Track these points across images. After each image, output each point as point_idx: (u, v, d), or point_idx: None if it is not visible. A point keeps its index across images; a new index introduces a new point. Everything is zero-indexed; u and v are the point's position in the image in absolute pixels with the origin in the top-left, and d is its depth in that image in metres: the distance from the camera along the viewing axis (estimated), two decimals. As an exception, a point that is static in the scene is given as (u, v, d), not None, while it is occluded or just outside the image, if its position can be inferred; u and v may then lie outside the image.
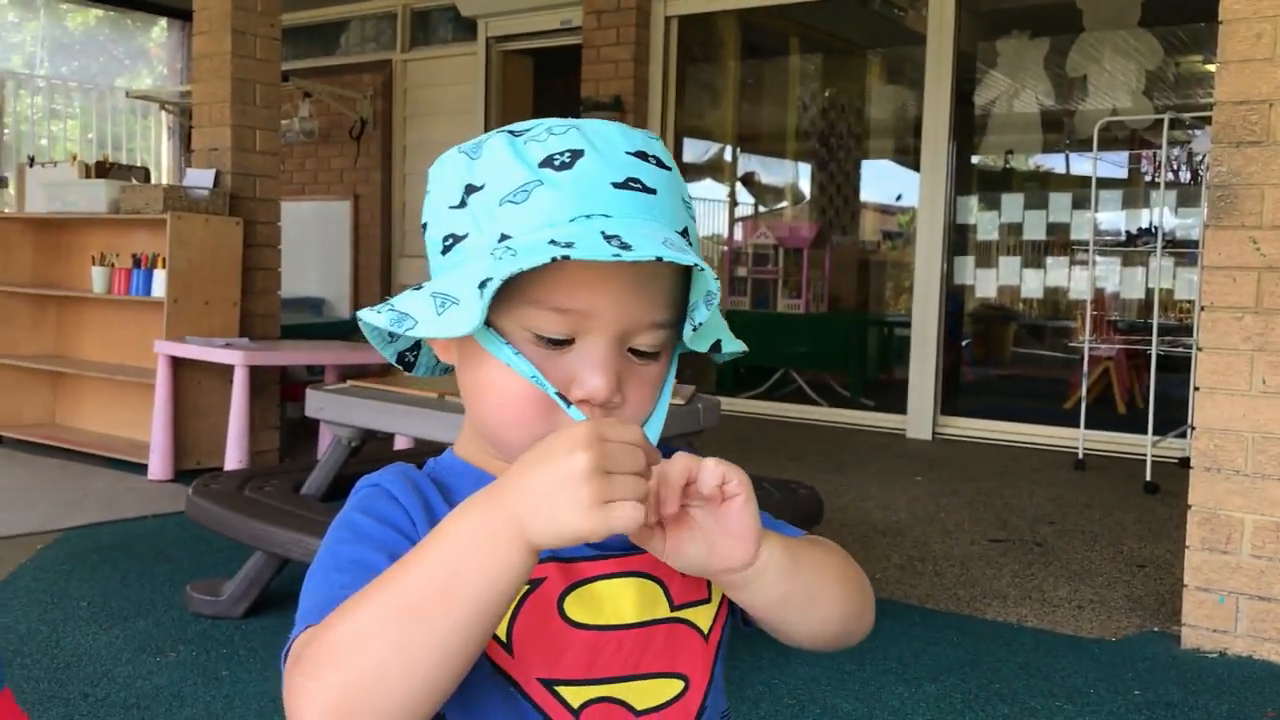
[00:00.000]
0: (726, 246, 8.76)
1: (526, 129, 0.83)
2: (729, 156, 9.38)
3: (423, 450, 3.44)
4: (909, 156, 8.16)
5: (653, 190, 0.81)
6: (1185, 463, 4.37)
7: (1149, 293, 6.53)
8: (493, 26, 8.32)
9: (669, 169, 0.84)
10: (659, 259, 0.73)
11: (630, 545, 0.79)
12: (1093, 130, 5.82)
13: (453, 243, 0.83)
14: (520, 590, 0.73)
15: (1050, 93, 8.06)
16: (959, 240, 7.18)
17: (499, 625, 0.75)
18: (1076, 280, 7.52)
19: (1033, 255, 7.54)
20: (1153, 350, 5.47)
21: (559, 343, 0.80)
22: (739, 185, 9.39)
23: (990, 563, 3.96)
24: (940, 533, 4.36)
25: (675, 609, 0.87)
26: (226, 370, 5.03)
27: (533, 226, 0.78)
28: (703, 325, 0.82)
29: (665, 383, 0.85)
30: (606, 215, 0.78)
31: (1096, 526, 4.52)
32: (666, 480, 0.74)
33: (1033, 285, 7.74)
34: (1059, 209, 7.02)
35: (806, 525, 3.15)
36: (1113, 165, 8.10)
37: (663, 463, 0.75)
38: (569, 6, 7.70)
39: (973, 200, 7.82)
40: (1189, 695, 2.80)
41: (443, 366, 0.94)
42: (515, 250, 0.76)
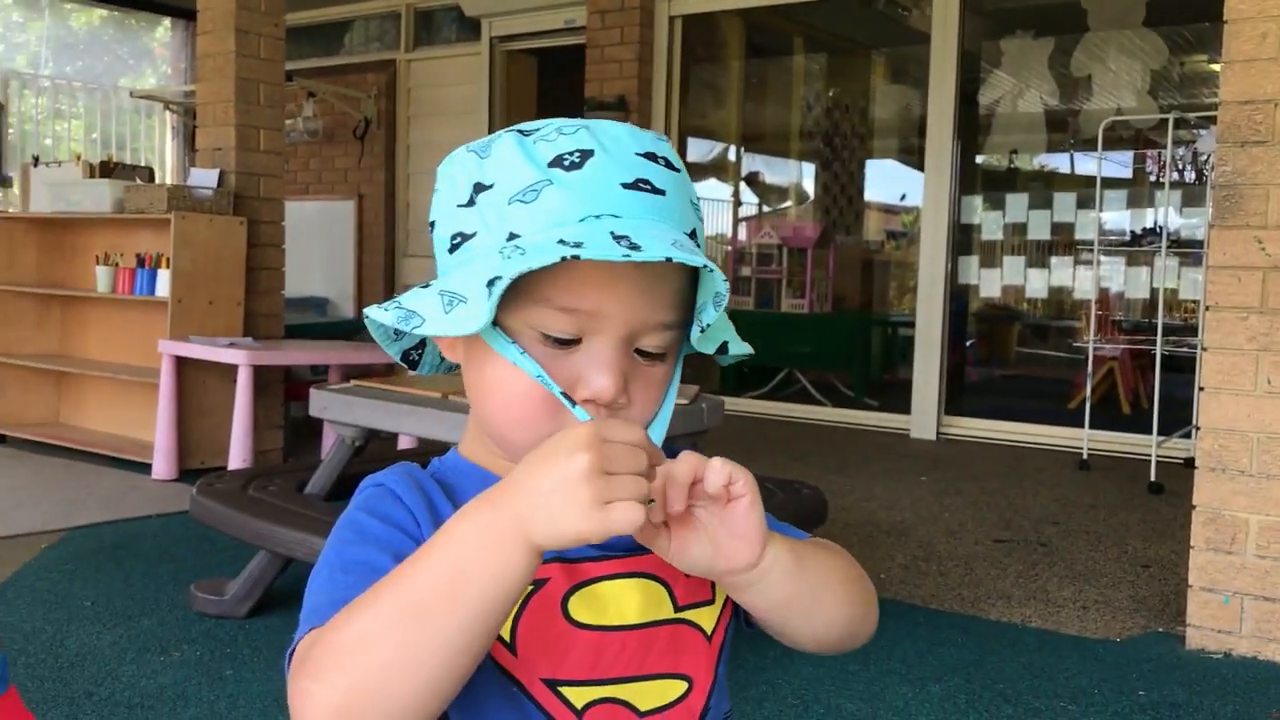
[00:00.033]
0: (730, 246, 8.75)
1: (536, 129, 0.83)
2: (733, 156, 9.37)
3: (426, 450, 3.44)
4: (913, 156, 8.16)
5: (662, 191, 0.81)
6: (1190, 463, 4.36)
7: (1154, 293, 6.53)
8: (496, 26, 8.32)
9: (678, 171, 0.84)
10: (668, 259, 0.73)
11: (635, 546, 0.79)
12: (1097, 130, 5.81)
13: (461, 241, 0.83)
14: (524, 591, 0.73)
15: (1055, 92, 8.05)
16: (963, 240, 7.18)
17: (503, 626, 0.75)
18: (1081, 280, 7.51)
19: (1037, 255, 7.53)
20: (1157, 350, 5.46)
21: (566, 342, 0.80)
22: (743, 185, 9.38)
23: (994, 563, 3.95)
24: (944, 533, 4.36)
25: (679, 610, 0.87)
26: (230, 370, 5.03)
27: (542, 226, 0.78)
28: (710, 327, 0.82)
29: (671, 384, 0.85)
30: (616, 216, 0.78)
31: (1101, 527, 4.51)
32: (673, 479, 0.74)
33: (1037, 285, 7.73)
34: (1063, 209, 7.01)
35: (810, 525, 3.15)
36: (1117, 165, 8.08)
37: (669, 462, 0.75)
38: (573, 6, 7.70)
39: (977, 200, 7.81)
40: (1194, 696, 2.79)
41: (447, 365, 0.93)
42: (524, 249, 0.76)
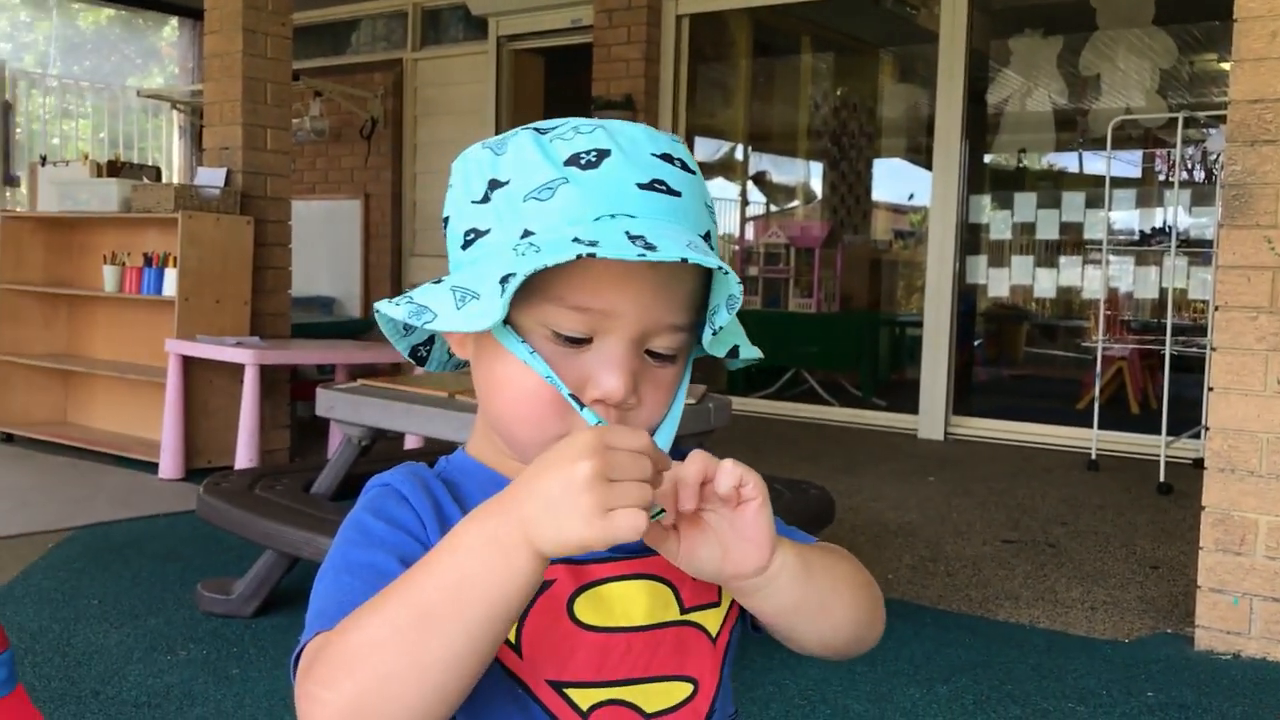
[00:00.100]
0: (738, 245, 8.75)
1: (553, 127, 0.82)
2: (740, 155, 9.37)
3: (433, 450, 3.43)
4: (921, 155, 8.14)
5: (677, 193, 0.81)
6: (1199, 463, 4.34)
7: (1163, 292, 6.50)
8: (503, 25, 8.32)
9: (693, 173, 0.84)
10: (684, 260, 0.73)
11: (642, 547, 0.79)
12: (1106, 129, 5.79)
13: (474, 238, 0.82)
14: (530, 597, 0.73)
15: (1064, 91, 8.03)
16: (971, 239, 7.16)
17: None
18: (1090, 280, 7.49)
19: (1046, 255, 7.51)
20: (1166, 350, 5.44)
21: (577, 341, 0.79)
22: (750, 184, 9.37)
23: (1002, 563, 3.94)
24: (952, 533, 4.35)
25: (685, 612, 0.86)
26: (237, 369, 5.03)
27: (556, 224, 0.77)
28: (721, 330, 0.81)
29: (680, 386, 0.84)
30: (631, 215, 0.78)
31: (1109, 527, 4.50)
32: (683, 480, 0.74)
33: (1046, 285, 7.71)
34: (1072, 208, 6.99)
35: (818, 526, 3.15)
36: (1126, 164, 8.06)
37: (678, 464, 0.75)
38: (580, 5, 7.69)
39: (985, 199, 7.80)
40: (1202, 697, 2.78)
41: (456, 362, 0.93)
42: (538, 247, 0.75)
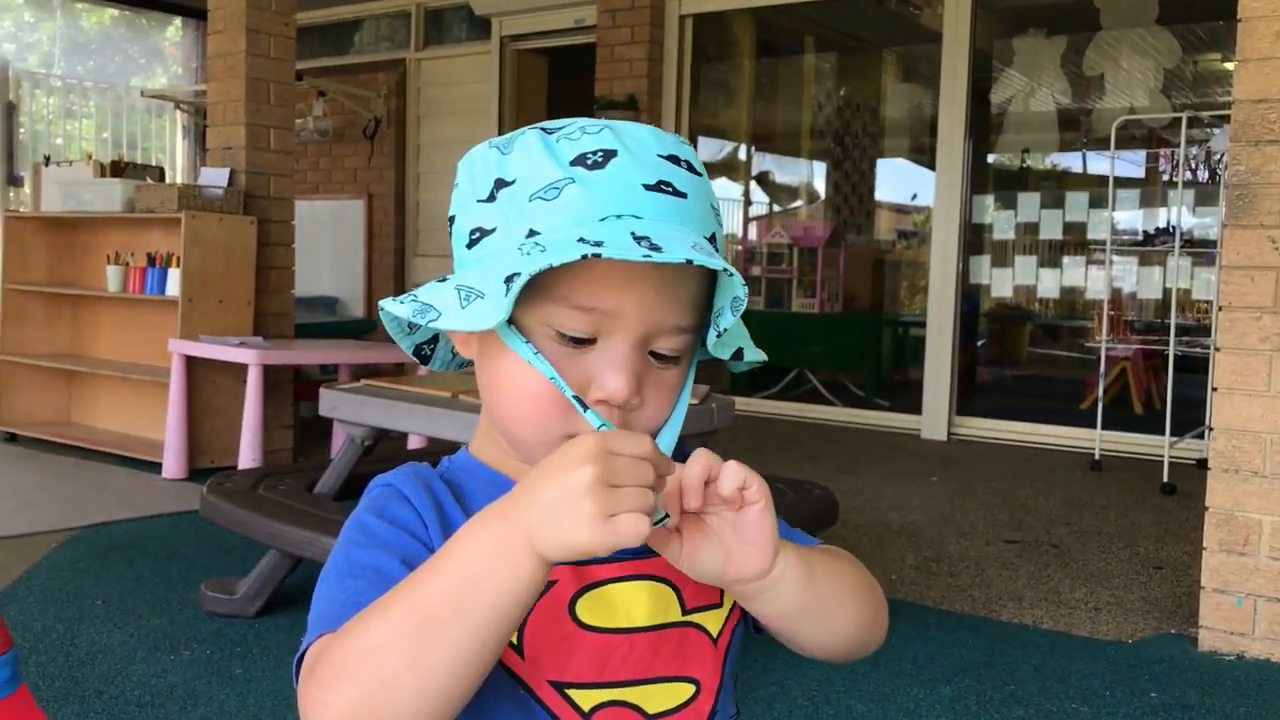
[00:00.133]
0: (741, 246, 8.75)
1: (559, 127, 0.83)
2: (743, 155, 9.36)
3: (436, 449, 3.43)
4: (924, 155, 8.13)
5: (683, 194, 0.81)
6: (1203, 464, 4.34)
7: (1166, 293, 6.49)
8: (506, 25, 8.32)
9: (700, 175, 0.84)
10: (689, 262, 0.73)
11: (644, 548, 0.78)
12: (1110, 129, 5.78)
13: (480, 237, 0.82)
14: (534, 601, 0.73)
15: (1067, 91, 8.02)
16: (975, 240, 7.15)
17: None
18: (1093, 280, 7.48)
19: (1049, 255, 7.51)
20: (1170, 350, 5.44)
21: (581, 341, 0.79)
22: (753, 184, 9.37)
23: (1006, 564, 3.94)
24: (956, 534, 4.35)
25: (686, 613, 0.86)
26: (240, 369, 5.04)
27: (562, 224, 0.77)
28: (726, 332, 0.81)
29: (684, 388, 0.84)
30: (637, 216, 0.78)
31: (1113, 528, 4.49)
32: (687, 479, 0.74)
33: (1049, 285, 7.70)
34: (1076, 208, 6.98)
35: (821, 526, 3.15)
36: (1130, 164, 8.06)
37: (681, 465, 0.75)
38: (583, 5, 7.69)
39: (989, 199, 7.79)
40: (1206, 698, 2.78)
41: (459, 360, 0.93)
42: (544, 246, 0.75)
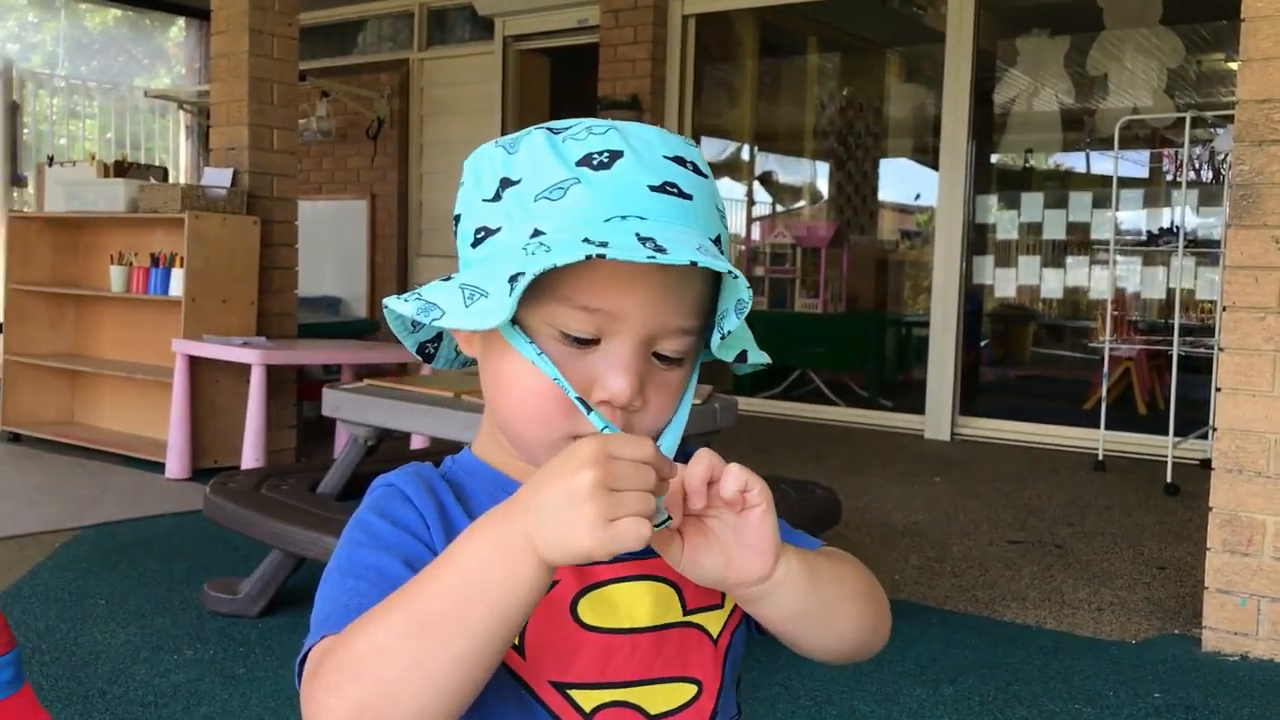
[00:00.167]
0: (744, 246, 8.74)
1: (566, 127, 0.83)
2: (747, 155, 9.36)
3: (439, 449, 3.43)
4: (928, 155, 8.13)
5: (689, 196, 0.81)
6: (1206, 464, 4.34)
7: (1170, 293, 6.49)
8: (509, 25, 8.32)
9: (705, 176, 0.83)
10: (693, 264, 0.73)
11: (646, 548, 0.78)
12: (1114, 129, 5.78)
13: (484, 236, 0.82)
14: (537, 604, 0.73)
15: (1071, 91, 8.01)
16: (978, 240, 7.15)
17: None
18: (1097, 280, 7.47)
19: (1052, 255, 7.50)
20: (1174, 351, 5.43)
21: (584, 342, 0.79)
22: (757, 184, 9.36)
23: (1009, 564, 3.93)
24: (959, 534, 4.34)
25: (688, 613, 0.86)
26: (244, 369, 5.04)
27: (567, 224, 0.77)
28: (730, 334, 0.81)
29: (687, 390, 0.84)
30: (642, 218, 0.78)
31: (1116, 528, 4.49)
32: (690, 480, 0.74)
33: (1052, 285, 7.70)
34: (1079, 208, 6.97)
35: (825, 526, 3.14)
36: (1134, 164, 8.04)
37: (684, 466, 0.75)
38: (586, 5, 7.69)
39: (992, 199, 7.79)
40: (1209, 698, 2.77)
41: (463, 359, 0.93)
42: (548, 246, 0.75)
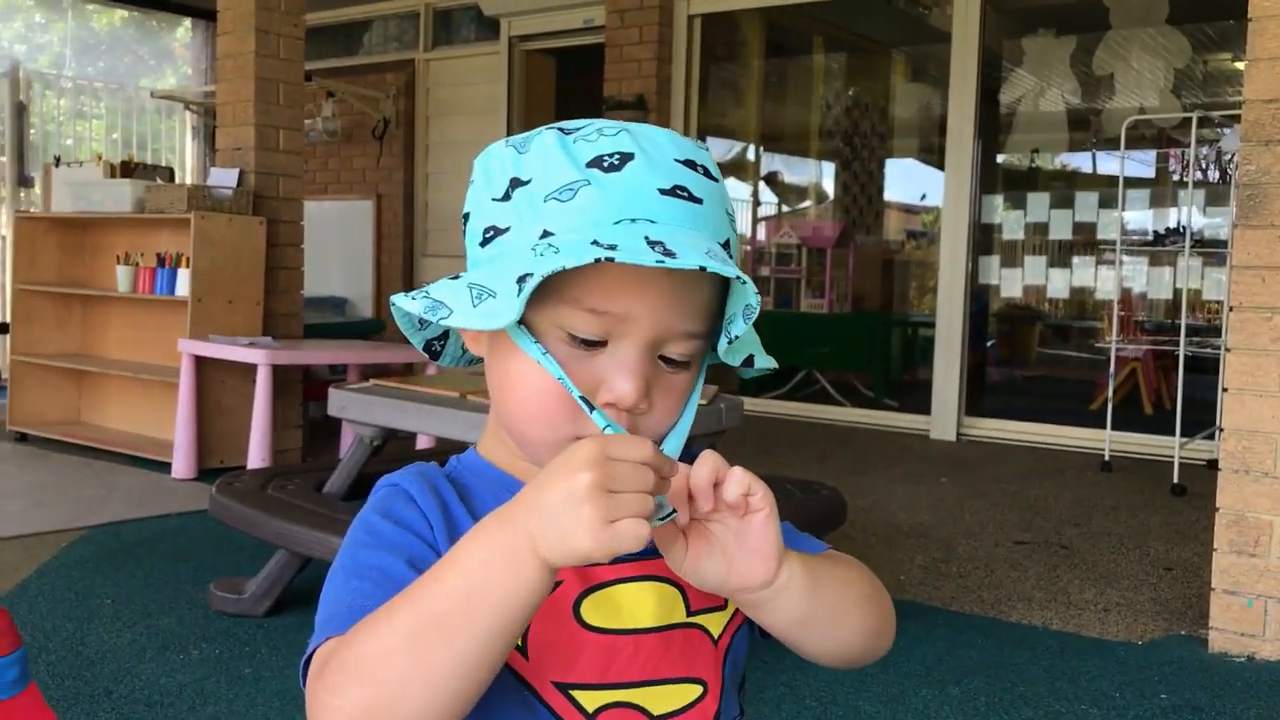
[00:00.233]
0: (750, 246, 8.74)
1: (577, 128, 0.83)
2: (752, 155, 9.35)
3: (444, 449, 3.43)
4: (933, 155, 8.12)
5: (699, 200, 0.81)
6: (1213, 464, 4.32)
7: (1177, 293, 6.48)
8: (515, 26, 8.32)
9: (716, 180, 0.84)
10: (702, 269, 0.73)
11: (649, 549, 0.78)
12: (1120, 129, 5.77)
13: (493, 235, 0.82)
14: (539, 605, 0.73)
15: (1077, 91, 7.99)
16: (984, 240, 7.14)
17: None
18: (1103, 280, 7.47)
19: (1059, 255, 7.49)
20: (1180, 351, 5.42)
21: (591, 344, 0.79)
22: (762, 184, 9.36)
23: (1015, 565, 3.93)
24: (965, 534, 4.34)
25: (691, 614, 0.86)
26: (250, 369, 5.04)
27: (576, 225, 0.77)
28: (737, 339, 0.81)
29: (693, 393, 0.84)
30: (651, 221, 0.78)
31: (1123, 529, 4.48)
32: (695, 481, 0.74)
33: (1059, 285, 7.69)
34: (1085, 208, 6.97)
35: (830, 526, 3.14)
36: (1140, 164, 8.03)
37: (688, 467, 0.75)
38: (592, 5, 7.69)
39: (998, 199, 7.78)
40: (1216, 699, 2.76)
41: (469, 357, 0.93)
42: (557, 248, 0.75)
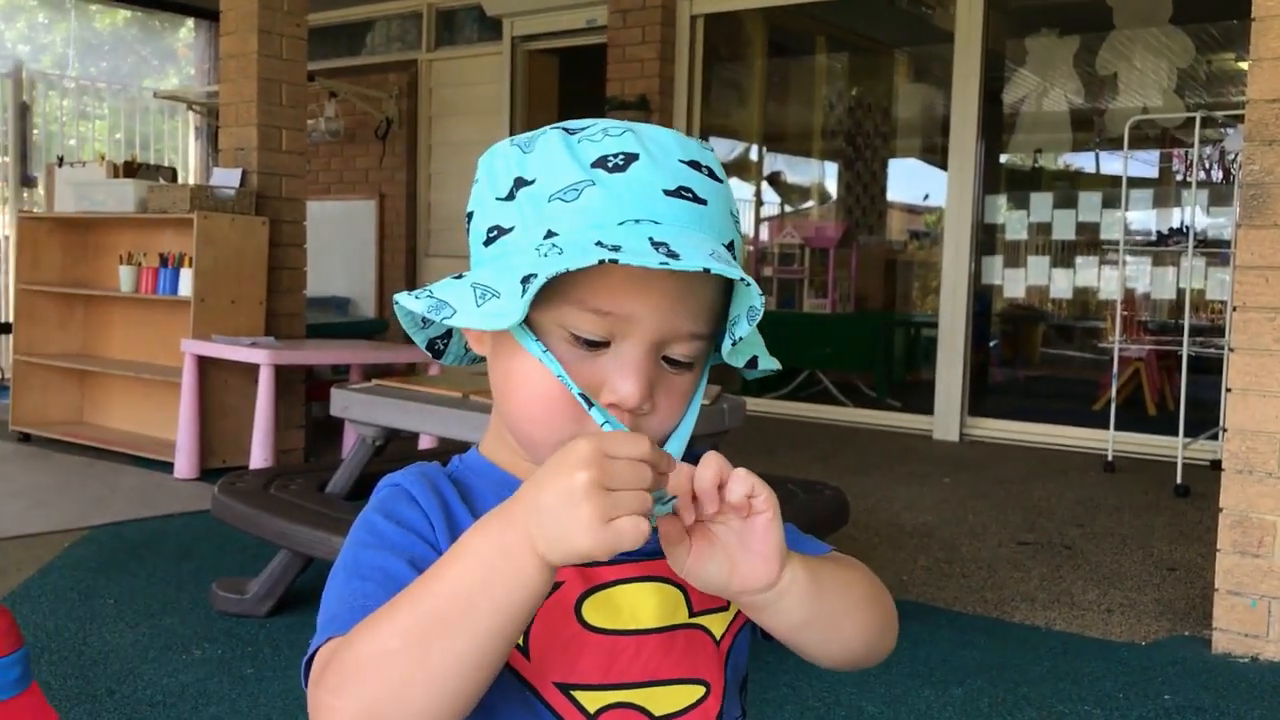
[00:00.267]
0: (753, 246, 8.73)
1: (582, 128, 0.82)
2: (755, 156, 9.35)
3: (447, 450, 3.43)
4: (936, 155, 8.11)
5: (703, 201, 0.80)
6: (1217, 465, 4.32)
7: (1180, 293, 6.47)
8: (518, 26, 8.32)
9: (721, 181, 0.83)
10: (706, 270, 0.72)
11: (652, 550, 0.78)
12: (1123, 129, 5.76)
13: (497, 235, 0.82)
14: (540, 604, 0.73)
15: (1080, 91, 7.99)
16: (987, 240, 7.13)
17: None
18: (1106, 280, 7.45)
19: (1062, 255, 7.48)
20: (1184, 351, 5.41)
21: (595, 344, 0.79)
22: (765, 184, 9.35)
23: (1018, 565, 3.92)
24: (968, 535, 4.33)
25: (693, 614, 0.86)
26: (252, 369, 5.04)
27: (580, 226, 0.77)
28: (741, 340, 0.81)
29: (696, 394, 0.84)
30: (656, 222, 0.78)
31: (1126, 529, 4.47)
32: (700, 483, 0.74)
33: (1062, 285, 7.68)
34: (1089, 208, 6.96)
35: (833, 527, 3.14)
36: (1143, 164, 8.02)
37: (692, 468, 0.74)
38: (594, 5, 7.69)
39: (1001, 199, 7.76)
40: (1220, 700, 2.76)
41: (472, 356, 0.93)
42: (561, 249, 0.75)
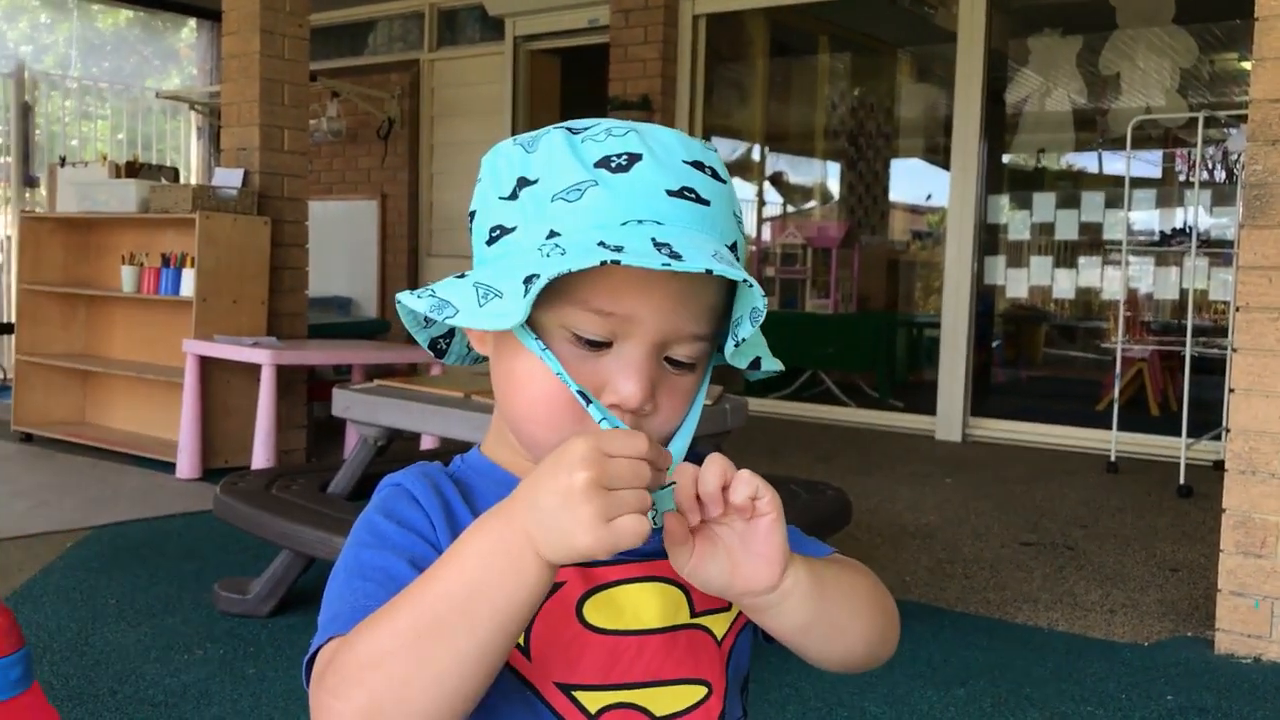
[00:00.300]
0: (755, 246, 8.73)
1: (585, 127, 0.82)
2: (757, 156, 9.34)
3: (449, 450, 3.43)
4: (939, 155, 8.10)
5: (706, 202, 0.80)
6: (1220, 465, 4.31)
7: (1183, 293, 6.46)
8: (520, 26, 8.32)
9: (724, 182, 0.83)
10: (708, 271, 0.72)
11: (653, 550, 0.78)
12: (1126, 129, 5.75)
13: (499, 234, 0.82)
14: (540, 603, 0.73)
15: (1083, 91, 7.98)
16: (990, 240, 7.12)
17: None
18: (1109, 280, 7.44)
19: (1065, 255, 7.47)
20: (1187, 351, 5.41)
21: (597, 345, 0.79)
22: (767, 184, 9.35)
23: (1021, 566, 3.92)
24: (970, 535, 4.33)
25: (695, 615, 0.86)
26: (254, 369, 5.04)
27: (583, 226, 0.77)
28: (744, 341, 0.81)
29: (698, 395, 0.84)
30: (658, 222, 0.78)
31: (1129, 530, 4.47)
32: (704, 485, 0.74)
33: (1065, 285, 7.67)
34: (1091, 208, 6.95)
35: (835, 527, 3.13)
36: (1146, 164, 8.01)
37: (696, 468, 0.74)
38: (597, 5, 7.69)
39: (1004, 199, 7.76)
40: (1223, 701, 2.75)
41: (474, 356, 0.93)
42: (564, 249, 0.75)
